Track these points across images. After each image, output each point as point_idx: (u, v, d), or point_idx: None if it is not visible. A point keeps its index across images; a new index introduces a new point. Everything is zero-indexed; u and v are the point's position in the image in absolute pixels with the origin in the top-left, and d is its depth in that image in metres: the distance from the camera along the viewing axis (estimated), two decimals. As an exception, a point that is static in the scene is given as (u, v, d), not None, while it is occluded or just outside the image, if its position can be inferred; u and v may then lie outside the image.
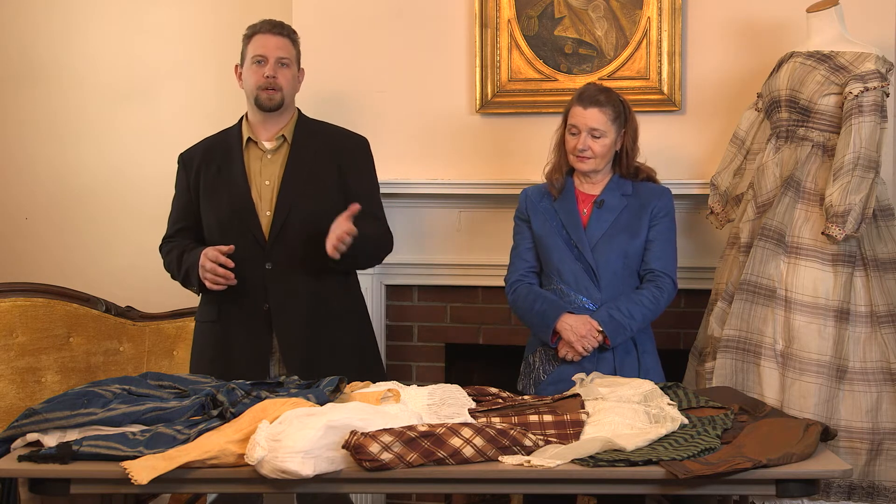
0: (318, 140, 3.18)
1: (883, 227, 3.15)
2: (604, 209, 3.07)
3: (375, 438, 2.23)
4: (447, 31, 3.74)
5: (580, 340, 2.96)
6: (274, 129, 3.15)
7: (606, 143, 3.04)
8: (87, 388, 2.53)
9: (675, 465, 2.23)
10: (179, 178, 3.21)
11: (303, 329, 3.08)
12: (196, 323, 3.22)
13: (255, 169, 3.12)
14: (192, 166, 3.17)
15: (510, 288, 3.14)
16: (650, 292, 3.03)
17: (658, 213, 3.07)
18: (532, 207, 3.14)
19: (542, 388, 3.04)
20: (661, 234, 3.07)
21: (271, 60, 3.10)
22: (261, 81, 3.09)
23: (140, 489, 2.20)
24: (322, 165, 3.13)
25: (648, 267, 3.07)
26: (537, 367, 3.09)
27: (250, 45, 3.14)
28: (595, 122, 3.01)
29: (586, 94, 3.06)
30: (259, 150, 3.14)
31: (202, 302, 3.20)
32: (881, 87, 3.02)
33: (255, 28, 3.16)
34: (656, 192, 3.11)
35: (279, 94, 3.10)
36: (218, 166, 3.13)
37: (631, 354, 3.06)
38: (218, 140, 3.21)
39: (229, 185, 3.10)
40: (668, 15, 3.56)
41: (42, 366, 3.57)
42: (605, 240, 3.04)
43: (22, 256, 4.36)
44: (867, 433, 3.03)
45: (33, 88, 4.36)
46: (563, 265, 3.06)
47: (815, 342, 3.04)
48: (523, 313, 3.11)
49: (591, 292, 3.03)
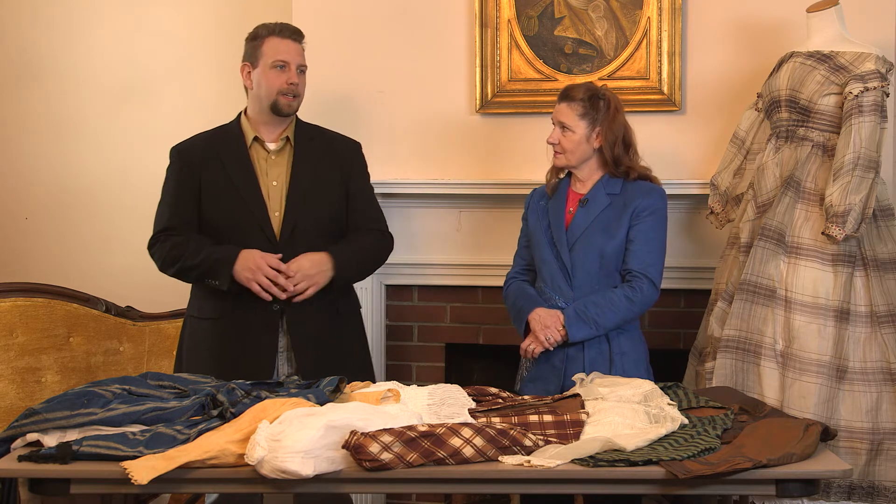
0: (319, 144, 3.21)
1: (883, 227, 3.15)
2: (586, 208, 3.05)
3: (375, 438, 2.23)
4: (447, 31, 3.74)
5: (543, 331, 2.95)
6: (277, 131, 3.16)
7: (574, 138, 3.02)
8: (87, 388, 2.53)
9: (675, 465, 2.23)
10: (175, 171, 3.16)
11: (313, 329, 3.10)
12: (189, 319, 3.19)
13: (262, 169, 3.13)
14: (193, 161, 3.14)
15: (505, 285, 3.19)
16: (623, 292, 2.97)
17: (640, 211, 3.00)
18: (532, 206, 3.18)
19: (524, 387, 3.06)
20: (642, 233, 3.00)
21: (293, 67, 3.11)
22: (283, 87, 3.09)
23: (140, 489, 2.20)
24: (325, 168, 3.17)
25: (626, 267, 3.01)
26: (522, 364, 3.12)
27: (267, 48, 3.11)
28: (562, 115, 3.03)
29: (565, 89, 3.08)
30: (264, 151, 3.15)
31: (198, 297, 3.17)
32: (881, 87, 3.02)
33: (271, 30, 3.14)
34: (643, 190, 3.04)
35: (297, 100, 3.14)
36: (223, 163, 3.11)
37: (603, 354, 3.01)
38: (216, 136, 3.19)
39: (239, 182, 3.09)
40: (668, 15, 3.56)
41: (42, 366, 3.57)
42: (583, 239, 3.02)
43: (22, 256, 4.36)
44: (867, 433, 3.03)
45: (33, 88, 4.36)
46: (544, 264, 3.08)
47: (815, 342, 3.04)
48: (508, 309, 3.15)
49: (565, 291, 3.03)
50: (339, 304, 3.18)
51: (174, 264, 3.10)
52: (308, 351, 3.08)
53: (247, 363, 3.02)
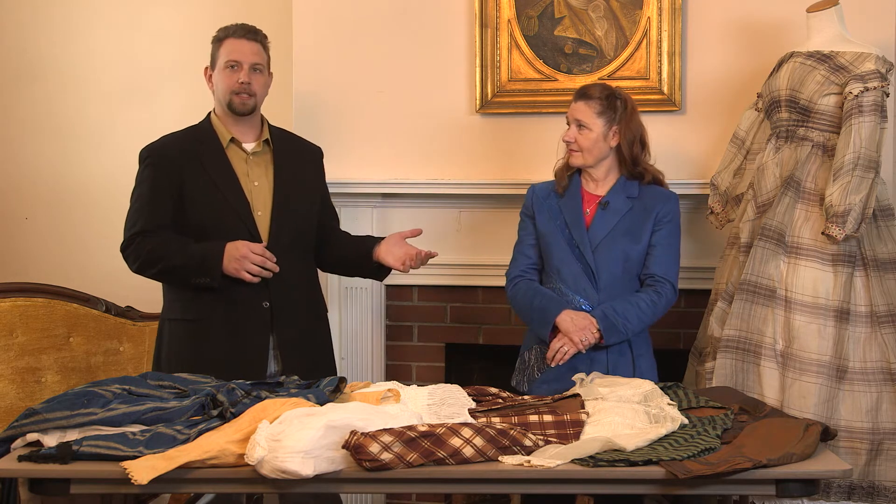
0: (292, 146, 3.27)
1: (883, 227, 3.15)
2: (608, 211, 3.06)
3: (375, 438, 2.23)
4: (447, 31, 3.74)
5: (578, 332, 2.94)
6: (249, 132, 3.18)
7: (591, 136, 3.03)
8: (87, 388, 2.53)
9: (675, 465, 2.23)
10: (150, 172, 3.12)
11: (299, 328, 3.13)
12: (168, 323, 3.15)
13: (242, 170, 3.13)
14: (170, 161, 3.11)
15: (511, 283, 3.14)
16: (648, 296, 3.01)
17: (662, 218, 3.06)
18: (538, 204, 3.14)
19: (536, 387, 3.04)
20: (664, 239, 3.06)
21: (246, 66, 3.13)
22: (234, 86, 3.11)
23: (140, 489, 2.20)
24: (303, 170, 3.23)
25: (649, 272, 3.05)
26: (532, 364, 3.09)
27: (222, 49, 3.15)
28: (579, 113, 3.04)
29: (581, 89, 3.10)
30: (242, 152, 3.16)
31: (173, 300, 3.14)
32: (881, 87, 3.02)
33: (227, 31, 3.17)
34: (662, 196, 3.09)
35: (253, 99, 3.14)
36: (202, 164, 3.10)
37: (626, 356, 3.04)
38: (190, 137, 3.17)
39: (220, 183, 3.09)
40: (668, 15, 3.56)
41: (42, 366, 3.57)
42: (607, 242, 3.04)
43: (22, 256, 4.36)
44: (867, 433, 3.03)
45: (33, 88, 4.36)
46: (563, 265, 3.05)
47: (815, 342, 3.04)
48: (522, 308, 3.10)
49: (589, 294, 3.03)
50: (319, 306, 3.27)
51: (155, 265, 3.06)
52: (293, 350, 3.10)
53: (238, 363, 3.00)
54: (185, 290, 3.08)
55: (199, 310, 3.08)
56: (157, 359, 3.19)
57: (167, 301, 3.18)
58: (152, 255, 3.06)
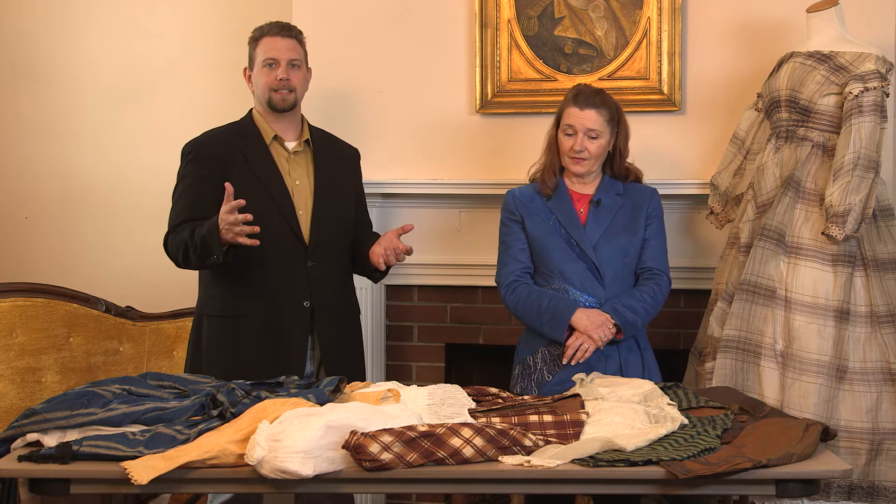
0: (331, 147, 3.27)
1: (883, 227, 3.15)
2: (601, 209, 3.08)
3: (375, 438, 2.23)
4: (447, 31, 3.74)
5: (597, 329, 2.95)
6: (290, 129, 3.18)
7: (602, 143, 3.05)
8: (87, 388, 2.53)
9: (675, 465, 2.23)
10: (190, 169, 3.12)
11: (336, 328, 3.15)
12: (203, 318, 3.13)
13: (284, 168, 3.14)
14: (216, 156, 3.09)
15: (507, 289, 3.11)
16: (650, 289, 3.06)
17: (652, 213, 3.12)
18: (524, 207, 3.12)
19: (548, 389, 3.01)
20: (656, 232, 3.13)
21: (283, 63, 3.13)
22: (273, 83, 3.12)
23: (140, 489, 2.20)
24: (342, 171, 3.25)
25: (645, 265, 3.10)
26: (540, 368, 3.07)
27: (259, 48, 3.15)
28: (592, 122, 3.02)
29: (582, 96, 3.06)
30: (284, 150, 3.16)
31: (213, 296, 3.12)
32: (881, 87, 3.02)
33: (262, 30, 3.17)
34: (647, 192, 3.15)
35: (293, 95, 3.15)
36: (248, 160, 3.10)
37: (634, 351, 3.08)
38: (230, 134, 3.17)
39: (266, 181, 3.08)
40: (668, 15, 3.56)
41: (42, 366, 3.57)
42: (606, 239, 3.06)
43: (22, 256, 4.36)
44: (867, 433, 3.03)
45: (33, 88, 4.36)
46: (565, 265, 3.05)
47: (815, 342, 3.04)
48: (528, 312, 3.05)
49: (596, 291, 3.04)
50: (353, 306, 3.29)
51: (178, 256, 3.04)
52: (331, 350, 3.11)
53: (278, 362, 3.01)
54: (224, 286, 3.07)
55: (240, 307, 3.07)
56: (194, 354, 3.15)
57: (205, 296, 3.16)
58: (175, 246, 3.05)
